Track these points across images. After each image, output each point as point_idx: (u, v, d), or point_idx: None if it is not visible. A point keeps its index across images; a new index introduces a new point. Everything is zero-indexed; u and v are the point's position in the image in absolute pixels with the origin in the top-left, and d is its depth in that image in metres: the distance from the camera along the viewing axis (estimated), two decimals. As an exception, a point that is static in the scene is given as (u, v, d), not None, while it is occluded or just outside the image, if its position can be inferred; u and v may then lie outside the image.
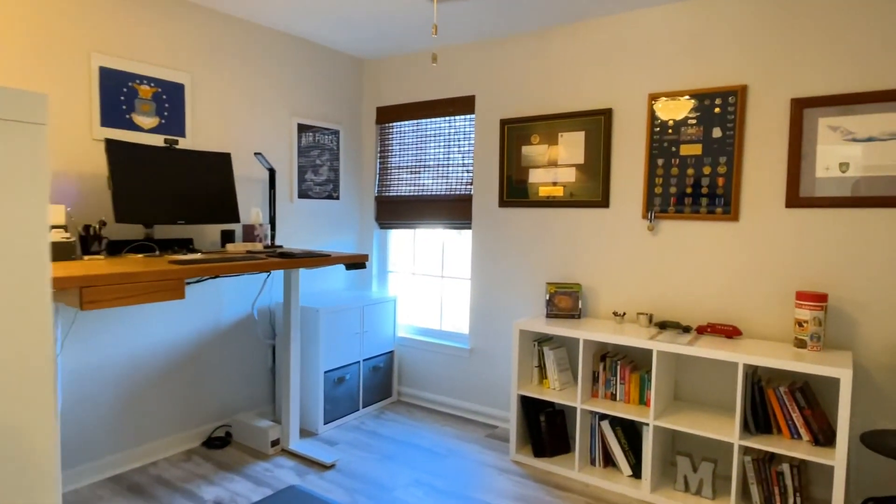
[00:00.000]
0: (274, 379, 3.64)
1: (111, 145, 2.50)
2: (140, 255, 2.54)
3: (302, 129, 3.73)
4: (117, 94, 2.74)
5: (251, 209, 3.36)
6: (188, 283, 3.10)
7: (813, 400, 2.47)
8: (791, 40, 2.59)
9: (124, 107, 2.77)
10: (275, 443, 3.12)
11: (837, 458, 2.20)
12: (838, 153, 2.50)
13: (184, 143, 3.04)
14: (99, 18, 2.66)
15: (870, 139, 2.43)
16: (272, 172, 3.36)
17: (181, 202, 2.78)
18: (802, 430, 2.39)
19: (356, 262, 3.03)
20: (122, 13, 2.74)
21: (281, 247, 3.32)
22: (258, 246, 3.07)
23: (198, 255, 2.55)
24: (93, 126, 2.66)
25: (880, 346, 2.45)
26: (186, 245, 2.96)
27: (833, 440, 2.38)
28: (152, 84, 2.88)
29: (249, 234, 3.22)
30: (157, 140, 2.91)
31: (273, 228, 3.40)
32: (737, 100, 2.71)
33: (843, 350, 2.51)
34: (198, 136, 3.11)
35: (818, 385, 2.58)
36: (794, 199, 2.61)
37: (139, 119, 2.83)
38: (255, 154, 3.22)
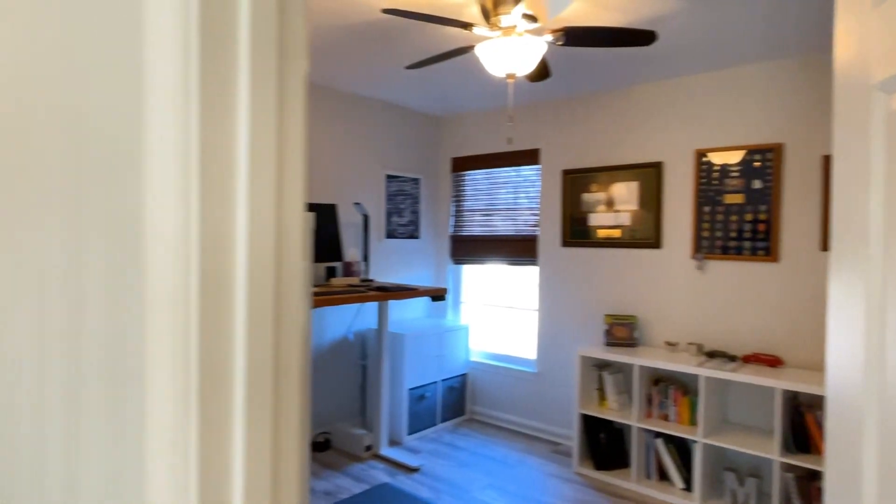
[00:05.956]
0: (363, 394, 4.19)
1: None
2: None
3: (389, 178, 4.35)
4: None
5: (349, 248, 3.97)
6: (300, 311, 3.72)
7: (849, 423, 2.76)
8: (821, 104, 2.96)
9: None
10: (368, 448, 3.65)
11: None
12: (868, 203, 2.82)
13: (299, 195, 3.70)
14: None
15: None
16: (366, 218, 3.97)
17: (300, 245, 3.42)
18: (839, 450, 2.68)
19: (438, 295, 3.57)
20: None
21: (373, 280, 3.91)
22: (356, 280, 3.66)
23: (316, 288, 3.15)
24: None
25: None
26: (301, 279, 3.59)
27: (867, 460, 2.66)
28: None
29: (349, 269, 3.83)
30: (280, 193, 3.58)
31: (366, 264, 4.00)
32: (774, 156, 3.09)
33: (876, 379, 2.79)
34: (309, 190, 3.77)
35: (856, 411, 2.86)
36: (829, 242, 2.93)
37: (267, 177, 3.51)
38: (355, 204, 3.84)
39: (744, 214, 3.20)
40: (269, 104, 0.56)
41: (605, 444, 3.44)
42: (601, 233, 3.80)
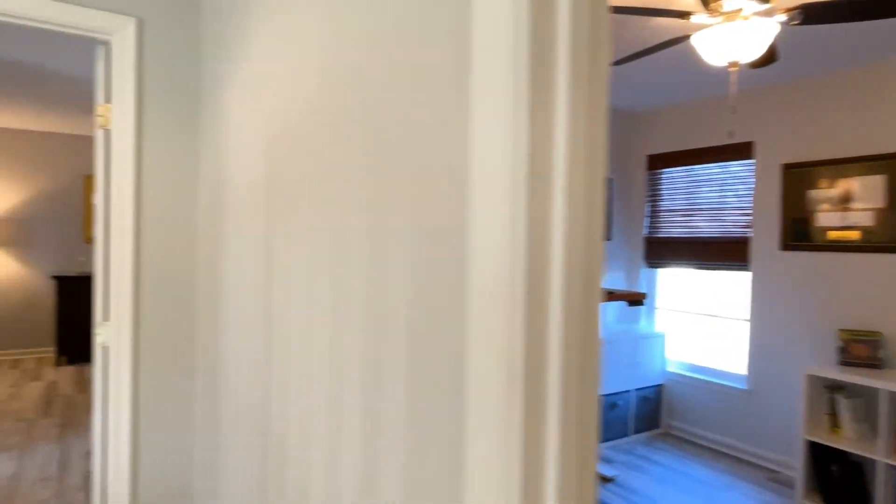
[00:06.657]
0: (552, 397, 4.17)
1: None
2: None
3: (580, 179, 4.28)
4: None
5: (541, 250, 3.99)
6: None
7: None
8: None
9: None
10: (559, 452, 3.63)
11: None
12: None
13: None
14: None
15: None
16: (559, 219, 3.95)
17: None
18: None
19: (636, 299, 3.40)
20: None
21: (565, 283, 3.87)
22: (549, 282, 3.65)
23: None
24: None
25: None
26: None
27: None
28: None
29: (541, 271, 3.84)
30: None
31: (558, 267, 3.98)
32: None
33: None
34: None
35: None
36: None
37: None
38: (548, 205, 3.85)
39: None
40: (581, 114, 0.58)
41: (838, 478, 2.98)
42: (832, 234, 3.30)
